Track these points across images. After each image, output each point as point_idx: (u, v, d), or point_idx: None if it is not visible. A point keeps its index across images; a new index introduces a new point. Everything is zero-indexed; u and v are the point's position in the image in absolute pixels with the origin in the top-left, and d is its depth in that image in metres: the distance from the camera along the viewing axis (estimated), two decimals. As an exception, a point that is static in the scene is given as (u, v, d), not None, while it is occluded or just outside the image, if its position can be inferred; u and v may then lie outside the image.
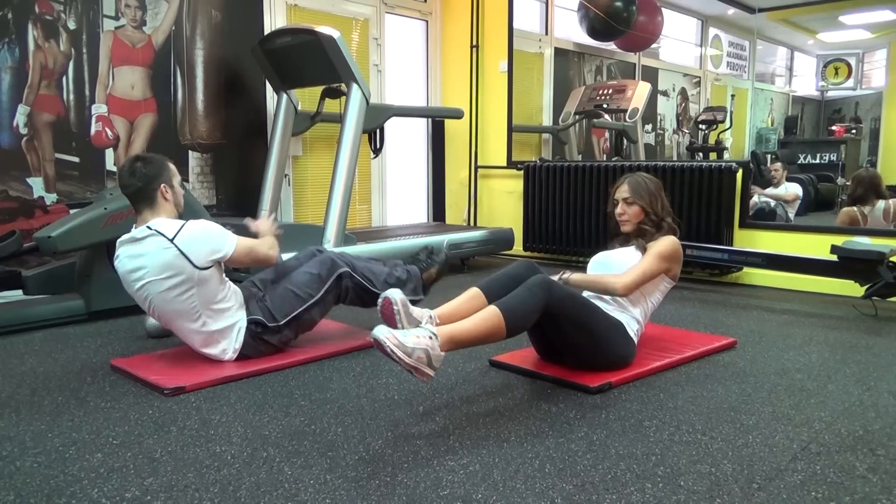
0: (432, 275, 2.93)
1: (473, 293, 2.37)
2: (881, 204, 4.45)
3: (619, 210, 2.63)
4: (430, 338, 1.91)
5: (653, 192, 2.61)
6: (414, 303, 2.86)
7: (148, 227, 2.40)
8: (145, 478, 1.68)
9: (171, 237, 2.36)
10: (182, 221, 2.44)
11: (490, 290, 2.36)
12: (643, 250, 2.57)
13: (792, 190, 5.56)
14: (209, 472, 1.71)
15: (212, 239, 2.44)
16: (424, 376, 1.88)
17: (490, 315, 2.08)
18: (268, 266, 2.71)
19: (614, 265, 2.58)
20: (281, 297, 2.60)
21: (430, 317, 2.19)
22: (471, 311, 2.18)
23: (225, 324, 2.49)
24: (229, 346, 2.51)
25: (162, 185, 2.47)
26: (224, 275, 2.54)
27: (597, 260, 2.70)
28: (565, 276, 2.57)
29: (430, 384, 2.34)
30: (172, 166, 2.55)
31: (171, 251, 2.35)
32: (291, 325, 2.60)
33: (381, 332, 1.85)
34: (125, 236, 2.45)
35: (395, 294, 2.09)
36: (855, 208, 4.42)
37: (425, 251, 3.01)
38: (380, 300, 2.11)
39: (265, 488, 1.62)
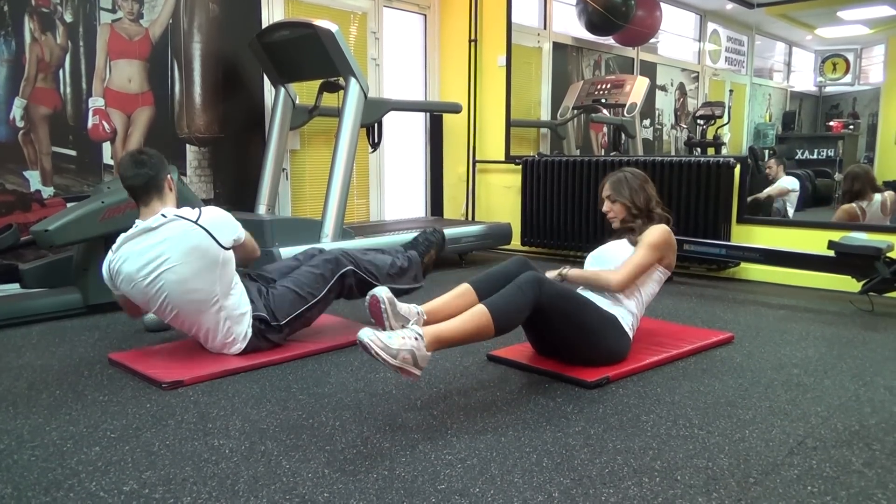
0: (432, 257, 2.98)
1: (463, 289, 2.37)
2: (878, 197, 4.47)
3: (605, 208, 2.69)
4: (416, 339, 1.91)
5: (634, 186, 2.63)
6: (413, 290, 2.86)
7: (163, 216, 2.40)
8: (143, 471, 1.68)
9: (194, 220, 2.39)
10: (194, 208, 2.47)
11: (481, 286, 2.36)
12: (635, 243, 2.59)
13: (780, 185, 5.56)
14: (207, 466, 1.71)
15: (230, 221, 2.50)
16: (411, 376, 1.90)
17: (478, 314, 2.08)
18: (252, 261, 2.74)
19: (608, 259, 2.60)
20: (283, 297, 2.59)
21: (418, 314, 2.20)
22: (460, 307, 2.18)
23: (238, 311, 2.49)
24: (240, 335, 2.50)
25: (168, 176, 2.51)
26: None
27: (593, 255, 2.71)
28: (564, 271, 2.58)
29: (428, 378, 2.35)
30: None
31: (198, 232, 2.37)
32: (293, 324, 2.61)
33: (366, 334, 1.85)
34: (131, 231, 2.42)
35: (383, 292, 2.11)
36: (854, 205, 4.43)
37: (422, 235, 3.03)
38: (367, 298, 2.13)
39: (263, 482, 1.63)
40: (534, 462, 1.73)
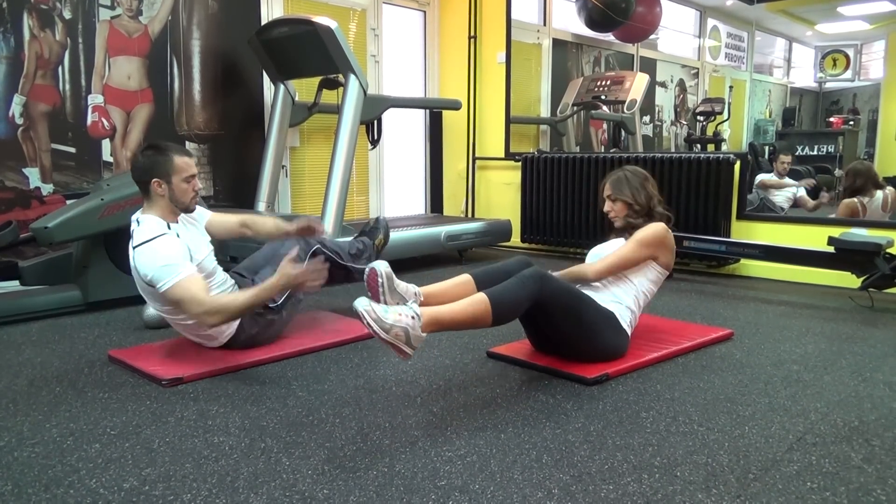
0: (381, 241, 3.05)
1: (464, 279, 2.37)
2: (879, 194, 4.46)
3: (606, 207, 2.68)
4: (413, 318, 1.91)
5: (635, 185, 2.62)
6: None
7: (136, 221, 2.43)
8: (143, 468, 1.68)
9: (134, 244, 2.39)
10: (158, 233, 2.36)
11: (481, 279, 2.35)
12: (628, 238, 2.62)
13: (789, 181, 5.56)
14: (207, 463, 1.71)
15: (156, 266, 2.30)
16: (402, 354, 1.89)
17: (477, 301, 2.08)
18: (192, 319, 2.40)
19: (599, 256, 2.63)
20: None
21: (416, 293, 2.19)
22: (459, 295, 2.17)
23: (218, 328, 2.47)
24: (222, 332, 2.49)
25: (154, 180, 2.40)
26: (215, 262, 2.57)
27: (593, 252, 2.71)
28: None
29: (428, 375, 2.35)
30: (177, 160, 2.42)
31: (134, 260, 2.39)
32: (286, 304, 2.62)
33: (363, 303, 1.86)
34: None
35: (381, 266, 2.10)
36: (856, 199, 4.43)
37: (371, 225, 3.11)
38: (366, 271, 2.13)
39: (263, 478, 1.63)
40: (533, 458, 1.73)
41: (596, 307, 2.42)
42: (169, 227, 2.42)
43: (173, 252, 2.34)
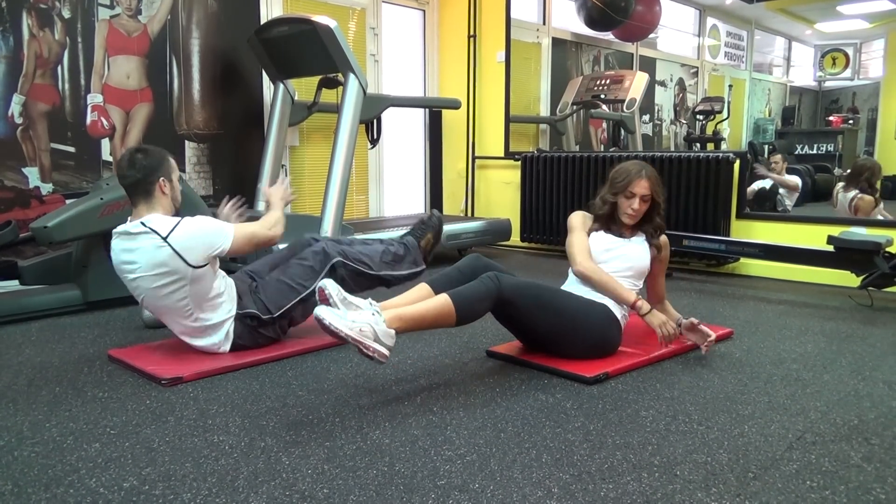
0: (430, 240, 2.89)
1: (420, 287, 2.35)
2: (854, 194, 4.60)
3: (635, 206, 2.53)
4: (373, 314, 1.92)
5: (662, 186, 2.62)
6: (416, 275, 2.80)
7: (142, 223, 2.36)
8: (143, 467, 1.68)
9: (164, 235, 2.32)
10: (177, 219, 2.40)
11: (438, 284, 2.34)
12: (658, 248, 2.63)
13: (788, 177, 5.57)
14: (207, 462, 1.71)
15: (207, 236, 2.40)
16: (375, 353, 1.91)
17: (439, 300, 2.12)
18: (272, 245, 2.70)
19: (632, 258, 2.56)
20: (275, 289, 2.58)
21: (371, 304, 2.19)
22: (417, 301, 2.19)
23: (217, 319, 2.47)
24: (221, 340, 2.49)
25: (161, 179, 2.43)
26: (219, 267, 2.53)
27: (607, 248, 2.58)
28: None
29: (428, 374, 2.35)
30: (172, 161, 2.51)
31: (164, 250, 2.32)
32: (286, 316, 2.60)
33: (322, 309, 1.90)
34: (120, 228, 2.42)
35: (330, 284, 2.06)
36: (872, 198, 4.52)
37: (418, 222, 2.99)
38: (317, 288, 2.11)
39: (263, 478, 1.63)
40: (533, 458, 1.73)
41: (576, 299, 2.42)
42: None
43: (206, 219, 2.46)
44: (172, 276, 2.35)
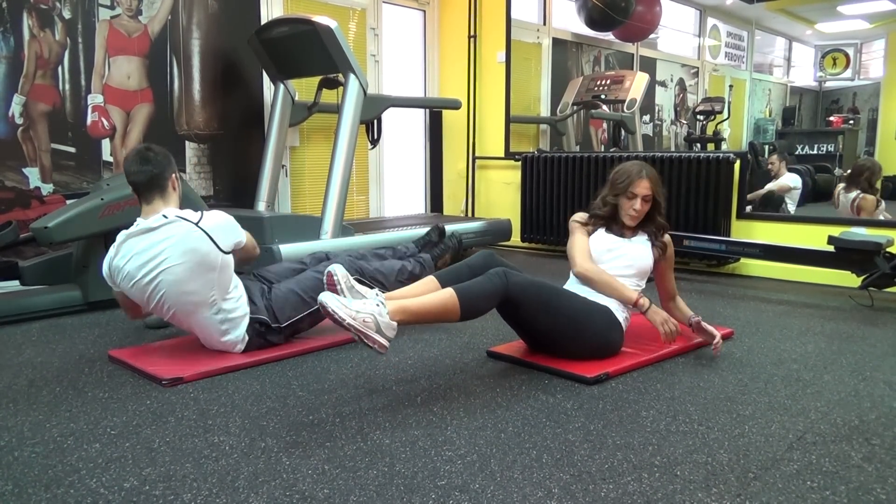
0: (447, 262, 2.91)
1: (428, 280, 2.35)
2: (854, 195, 4.63)
3: (637, 207, 2.52)
4: (378, 305, 1.92)
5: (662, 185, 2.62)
6: None
7: (164, 216, 2.37)
8: (143, 468, 1.68)
9: (195, 222, 2.37)
10: (196, 210, 2.46)
11: (445, 278, 2.34)
12: (662, 248, 2.62)
13: (782, 182, 5.56)
14: (207, 463, 1.71)
15: (231, 225, 2.48)
16: (376, 344, 1.90)
17: (444, 294, 2.11)
18: (252, 260, 2.73)
19: (634, 257, 2.56)
20: (285, 299, 2.58)
21: (377, 294, 2.19)
22: (423, 294, 2.18)
23: (238, 313, 2.48)
24: (240, 335, 2.49)
25: (173, 175, 2.48)
26: None
27: (609, 248, 2.57)
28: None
29: (428, 375, 2.35)
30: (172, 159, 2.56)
31: (198, 234, 2.35)
32: (294, 326, 2.61)
33: (327, 296, 1.89)
34: (133, 229, 2.41)
35: (339, 270, 2.07)
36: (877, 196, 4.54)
37: (435, 232, 2.97)
38: (325, 272, 2.11)
39: (263, 478, 1.63)
40: (534, 458, 1.73)
41: (580, 301, 2.42)
42: None
43: (225, 215, 2.51)
44: (204, 263, 2.36)
